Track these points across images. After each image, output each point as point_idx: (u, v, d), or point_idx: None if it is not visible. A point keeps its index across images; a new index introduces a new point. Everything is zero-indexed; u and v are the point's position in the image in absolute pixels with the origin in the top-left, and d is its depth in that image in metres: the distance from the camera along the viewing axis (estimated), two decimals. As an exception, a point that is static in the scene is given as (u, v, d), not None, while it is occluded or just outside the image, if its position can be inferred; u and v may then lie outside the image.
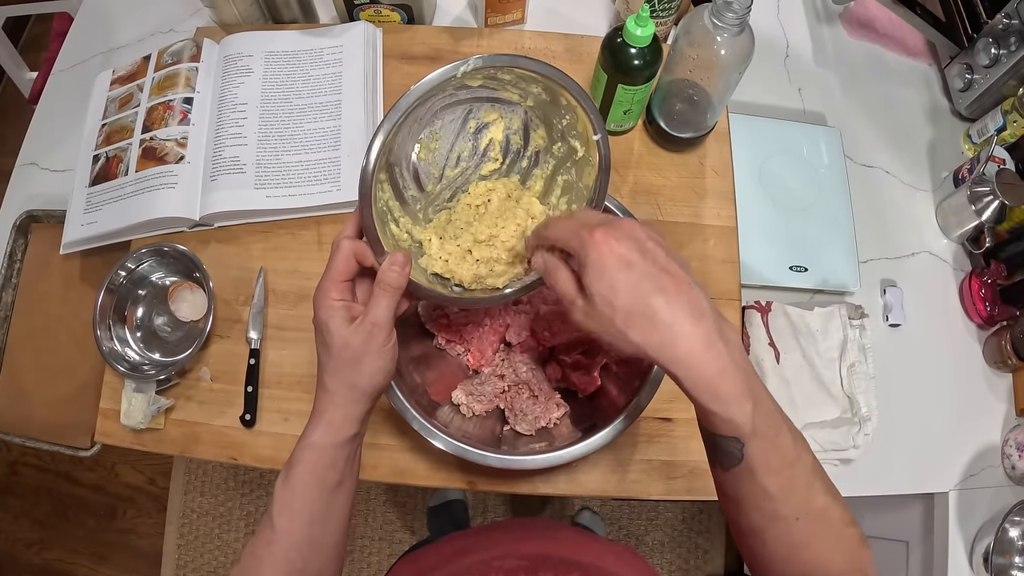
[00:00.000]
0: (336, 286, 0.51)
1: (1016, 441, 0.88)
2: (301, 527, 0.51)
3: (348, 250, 0.51)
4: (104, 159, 0.87)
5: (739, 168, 0.92)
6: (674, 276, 0.44)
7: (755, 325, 0.87)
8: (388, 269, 0.51)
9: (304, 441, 0.51)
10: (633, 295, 0.43)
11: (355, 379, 0.51)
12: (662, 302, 0.43)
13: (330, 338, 0.50)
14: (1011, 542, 0.87)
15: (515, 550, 0.61)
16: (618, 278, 0.44)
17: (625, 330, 0.44)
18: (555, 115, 0.58)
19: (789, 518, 0.46)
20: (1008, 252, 0.91)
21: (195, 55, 0.91)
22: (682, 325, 0.43)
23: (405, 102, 0.51)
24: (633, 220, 0.47)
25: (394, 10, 0.95)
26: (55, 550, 1.85)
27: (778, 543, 0.47)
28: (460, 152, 0.60)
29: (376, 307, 0.51)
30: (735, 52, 0.74)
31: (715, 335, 0.43)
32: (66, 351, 0.88)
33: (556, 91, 0.56)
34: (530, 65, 0.53)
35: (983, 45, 0.96)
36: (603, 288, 0.44)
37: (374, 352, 0.51)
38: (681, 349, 0.43)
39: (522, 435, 0.72)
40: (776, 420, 0.45)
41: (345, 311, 0.51)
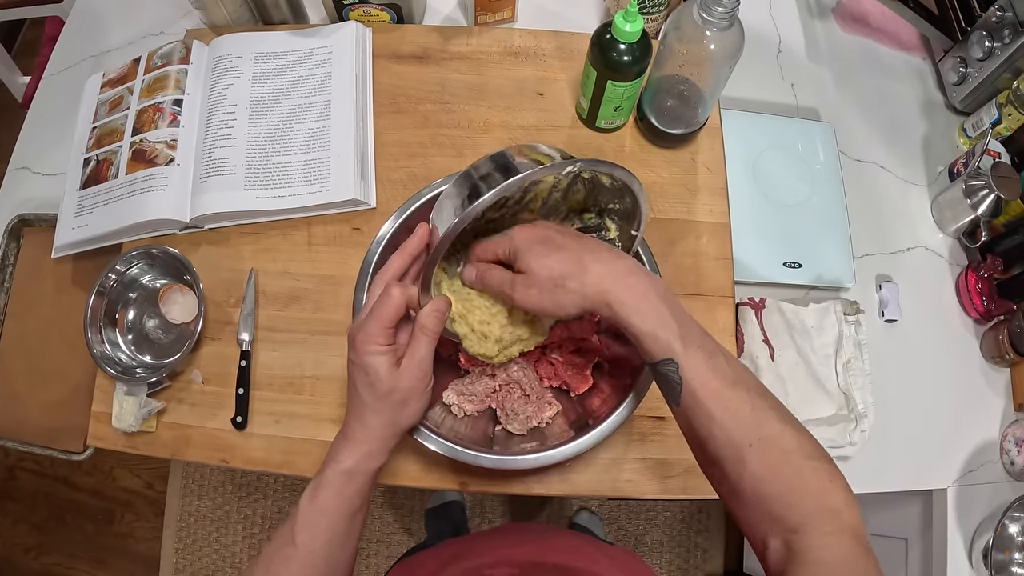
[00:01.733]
0: (384, 333, 0.52)
1: (1014, 436, 0.87)
2: (322, 546, 0.52)
3: (401, 300, 0.52)
4: (95, 162, 0.87)
5: (732, 164, 0.91)
6: (587, 240, 0.54)
7: (749, 322, 0.86)
8: (431, 314, 0.53)
9: (337, 466, 0.53)
10: (561, 258, 0.51)
11: (398, 419, 0.54)
12: (584, 253, 0.51)
13: (377, 382, 0.52)
14: (1011, 538, 0.87)
15: (508, 556, 0.61)
16: (544, 252, 0.52)
17: (564, 283, 0.51)
18: (603, 194, 0.59)
19: (741, 444, 0.46)
20: (1004, 246, 0.91)
21: (185, 57, 0.91)
22: (606, 264, 0.51)
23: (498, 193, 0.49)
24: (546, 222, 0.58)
25: (383, 10, 0.95)
26: (53, 555, 1.85)
27: (739, 475, 0.46)
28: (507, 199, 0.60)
29: (419, 350, 0.53)
30: (725, 47, 0.73)
31: (635, 268, 0.51)
32: (58, 354, 0.88)
33: (623, 188, 0.57)
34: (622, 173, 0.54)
35: (977, 38, 0.95)
36: (535, 259, 0.52)
37: (419, 394, 0.54)
38: (607, 281, 0.50)
39: (514, 435, 0.72)
40: (708, 344, 0.49)
41: (392, 356, 0.52)
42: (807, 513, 0.44)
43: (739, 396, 0.47)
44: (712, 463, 0.49)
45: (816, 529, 0.44)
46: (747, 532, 0.48)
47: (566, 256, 0.51)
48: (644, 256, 0.69)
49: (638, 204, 0.57)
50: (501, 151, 0.53)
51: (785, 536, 0.45)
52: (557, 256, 0.52)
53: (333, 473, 0.52)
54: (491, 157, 0.53)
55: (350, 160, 0.86)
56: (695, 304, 0.84)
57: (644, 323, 0.48)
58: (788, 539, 0.44)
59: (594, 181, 0.57)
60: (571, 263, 0.51)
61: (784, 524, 0.45)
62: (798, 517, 0.44)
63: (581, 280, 0.50)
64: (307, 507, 0.52)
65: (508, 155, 0.53)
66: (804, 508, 0.45)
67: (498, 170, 0.51)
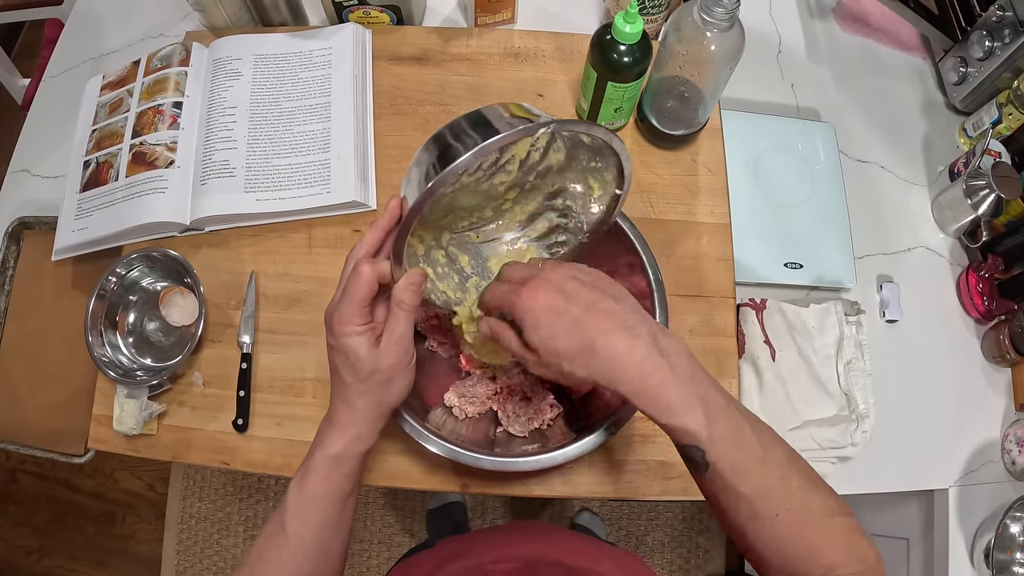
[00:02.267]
0: (359, 312, 0.50)
1: (1016, 436, 0.87)
2: (313, 532, 0.52)
3: (371, 276, 0.50)
4: (95, 165, 0.87)
5: (733, 165, 0.91)
6: (602, 310, 0.47)
7: (750, 323, 0.86)
8: (406, 289, 0.51)
9: (324, 452, 0.52)
10: (569, 338, 0.47)
11: (384, 398, 0.53)
12: (596, 334, 0.46)
13: (359, 363, 0.51)
14: (1012, 538, 0.86)
15: (509, 553, 0.61)
16: (551, 328, 0.47)
17: (573, 370, 0.47)
18: (584, 152, 0.58)
19: (768, 516, 0.46)
20: (1005, 246, 0.91)
21: (184, 59, 0.91)
22: (619, 351, 0.46)
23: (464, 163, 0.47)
24: (558, 266, 0.51)
25: (383, 11, 0.95)
26: (55, 557, 1.85)
27: (764, 541, 0.47)
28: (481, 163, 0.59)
29: (397, 327, 0.51)
30: (725, 48, 0.73)
31: (653, 352, 0.46)
32: (59, 357, 0.87)
33: (602, 145, 0.55)
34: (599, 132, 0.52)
35: (977, 38, 0.95)
36: (542, 340, 0.48)
37: (402, 371, 0.53)
38: (623, 372, 0.46)
39: (515, 437, 0.72)
40: (735, 421, 0.46)
41: (371, 335, 0.51)
42: (831, 564, 0.46)
43: (766, 471, 0.46)
44: (736, 530, 0.49)
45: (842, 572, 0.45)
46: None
47: (574, 336, 0.47)
48: (646, 258, 0.69)
49: (620, 164, 0.56)
50: (476, 110, 0.50)
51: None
52: (565, 337, 0.47)
53: (321, 459, 0.52)
54: (464, 117, 0.50)
55: (350, 162, 0.86)
56: (696, 305, 0.84)
57: (665, 415, 0.46)
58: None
59: (574, 140, 0.55)
60: (579, 346, 0.47)
61: None
62: (822, 569, 0.46)
63: (590, 368, 0.47)
64: (295, 495, 0.52)
65: (483, 114, 0.50)
66: (828, 561, 0.46)
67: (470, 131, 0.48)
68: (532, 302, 0.48)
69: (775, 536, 0.46)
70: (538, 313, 0.48)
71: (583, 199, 0.62)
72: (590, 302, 0.48)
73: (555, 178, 0.61)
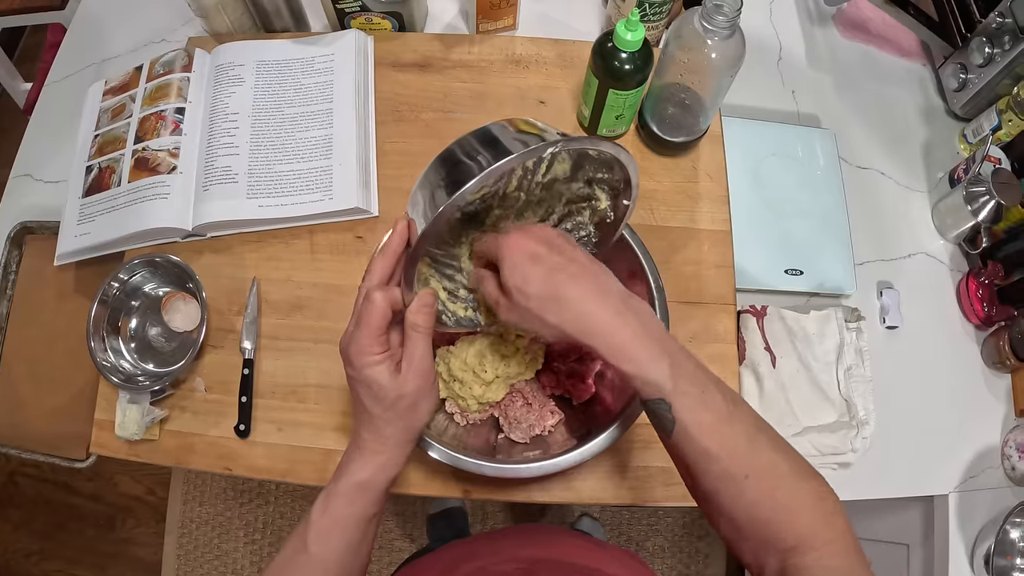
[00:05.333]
0: (376, 341, 0.50)
1: (1016, 442, 0.87)
2: (337, 555, 0.52)
3: (384, 304, 0.50)
4: (97, 170, 0.87)
5: (733, 172, 0.92)
6: (579, 263, 0.49)
7: (751, 329, 0.86)
8: (419, 312, 0.52)
9: (350, 478, 0.52)
10: (542, 282, 0.48)
11: (411, 423, 0.53)
12: (569, 285, 0.48)
13: (382, 392, 0.50)
14: (1012, 544, 0.87)
15: (513, 554, 0.61)
16: (528, 270, 0.49)
17: (541, 314, 0.48)
18: (589, 163, 0.58)
19: (737, 476, 0.46)
20: (1005, 252, 0.91)
21: (187, 65, 0.91)
22: (589, 302, 0.48)
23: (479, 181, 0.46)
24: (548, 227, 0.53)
25: (385, 18, 0.95)
26: (54, 561, 1.84)
27: (735, 505, 0.47)
28: None
29: (416, 350, 0.51)
30: (726, 55, 0.73)
31: (621, 307, 0.48)
32: (61, 362, 0.88)
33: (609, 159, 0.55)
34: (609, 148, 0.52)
35: (977, 44, 0.95)
36: (517, 280, 0.49)
37: (426, 394, 0.53)
38: (591, 322, 0.47)
39: (517, 443, 0.72)
40: (700, 379, 0.48)
41: (390, 362, 0.51)
42: (800, 531, 0.46)
43: (734, 430, 0.47)
44: (707, 496, 0.49)
45: (810, 546, 0.45)
46: (744, 559, 0.49)
47: (549, 284, 0.48)
48: (646, 265, 0.69)
49: (628, 175, 0.56)
50: (483, 128, 0.50)
51: (781, 557, 0.46)
52: (539, 282, 0.48)
53: (347, 484, 0.52)
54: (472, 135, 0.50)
55: (352, 169, 0.86)
56: (697, 312, 0.84)
57: (630, 365, 0.47)
58: (785, 559, 0.45)
59: (580, 153, 0.55)
60: (552, 292, 0.48)
61: (780, 545, 0.46)
62: (793, 537, 0.46)
63: (561, 315, 0.48)
64: (319, 516, 0.52)
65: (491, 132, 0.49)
66: (797, 527, 0.46)
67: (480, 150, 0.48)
68: (514, 246, 0.50)
69: (746, 498, 0.47)
70: (517, 256, 0.49)
71: (590, 211, 0.63)
72: (569, 256, 0.49)
73: (561, 188, 0.61)
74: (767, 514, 0.46)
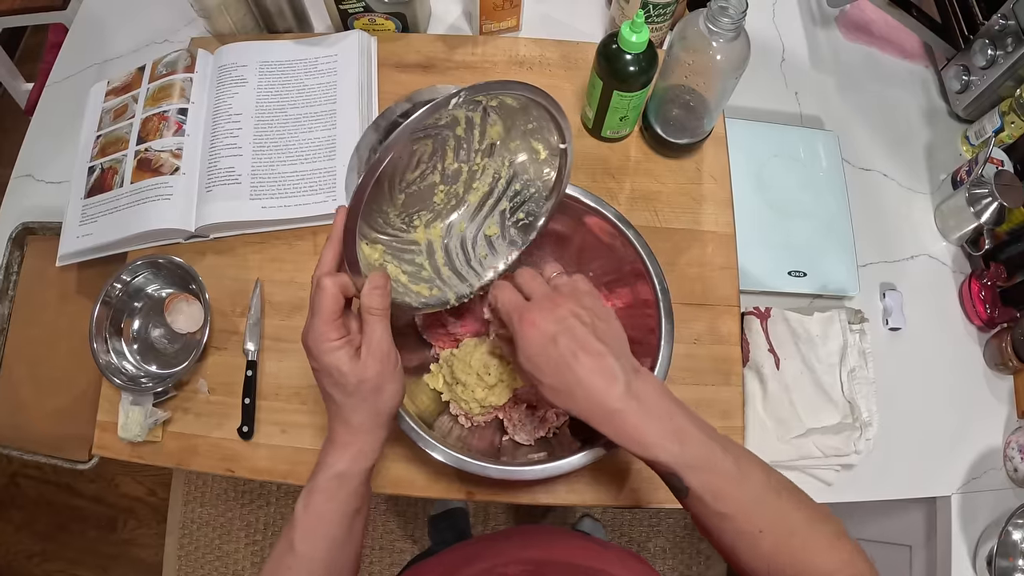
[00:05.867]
0: (332, 326, 0.50)
1: (1018, 443, 0.87)
2: (323, 552, 0.52)
3: (334, 288, 0.50)
4: (99, 171, 0.87)
5: (737, 173, 0.92)
6: (588, 350, 0.50)
7: (754, 331, 0.86)
8: (371, 294, 0.52)
9: (328, 471, 0.52)
10: (553, 376, 0.50)
11: (377, 407, 0.53)
12: (577, 377, 0.49)
13: (343, 379, 0.50)
14: (1014, 545, 0.86)
15: (518, 556, 0.61)
16: (540, 361, 0.51)
17: (552, 399, 0.51)
18: (520, 118, 0.59)
19: (752, 533, 0.48)
20: (1008, 254, 0.91)
21: (189, 65, 0.91)
22: (595, 393, 0.49)
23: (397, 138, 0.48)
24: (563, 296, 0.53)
25: (388, 19, 0.95)
26: (56, 562, 1.84)
27: (752, 556, 0.49)
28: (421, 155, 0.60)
29: (374, 333, 0.51)
30: (731, 57, 0.73)
31: (626, 396, 0.49)
32: (63, 363, 0.87)
33: (528, 103, 0.56)
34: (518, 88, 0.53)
35: (980, 46, 0.95)
36: (529, 367, 0.51)
37: (389, 377, 0.52)
38: (599, 413, 0.49)
39: (521, 445, 0.72)
40: (708, 448, 0.49)
41: (349, 347, 0.51)
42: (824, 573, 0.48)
43: (744, 490, 0.49)
44: (727, 552, 0.51)
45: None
46: None
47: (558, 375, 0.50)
48: (651, 267, 0.69)
49: (553, 115, 0.56)
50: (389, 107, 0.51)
51: None
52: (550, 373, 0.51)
53: (324, 478, 0.52)
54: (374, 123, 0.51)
55: (355, 169, 0.86)
56: (701, 314, 0.84)
57: (641, 451, 0.49)
58: None
59: (503, 107, 0.56)
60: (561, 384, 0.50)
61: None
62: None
63: (568, 405, 0.51)
64: (302, 515, 0.52)
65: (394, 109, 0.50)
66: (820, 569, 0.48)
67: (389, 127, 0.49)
68: (530, 330, 0.51)
69: (762, 551, 0.49)
70: (531, 343, 0.51)
71: (535, 167, 0.63)
72: (581, 344, 0.50)
73: (501, 152, 0.62)
74: (784, 564, 0.48)
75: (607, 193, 0.88)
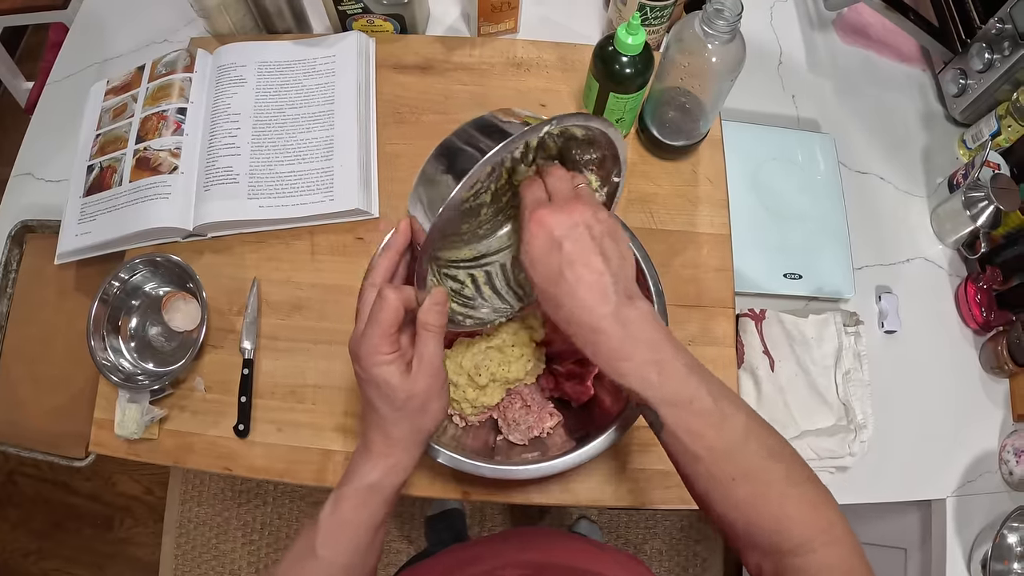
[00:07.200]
0: (387, 340, 0.49)
1: (1013, 447, 0.87)
2: (345, 559, 0.51)
3: (397, 301, 0.49)
4: (98, 169, 0.87)
5: (733, 176, 0.92)
6: (588, 264, 0.49)
7: (749, 333, 0.87)
8: (431, 310, 0.51)
9: (361, 480, 0.51)
10: (546, 278, 0.49)
11: (420, 424, 0.52)
12: (570, 287, 0.48)
13: (392, 392, 0.50)
14: (1009, 548, 0.87)
15: (516, 559, 0.61)
16: (538, 258, 0.49)
17: (542, 302, 0.51)
18: (575, 146, 0.58)
19: (724, 479, 0.47)
20: (1003, 257, 0.91)
21: (189, 65, 0.91)
22: (582, 308, 0.48)
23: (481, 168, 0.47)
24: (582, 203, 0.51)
25: (387, 20, 0.95)
26: (52, 560, 1.84)
27: (724, 504, 0.48)
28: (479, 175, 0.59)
29: (427, 350, 0.51)
30: (726, 60, 0.74)
31: (615, 317, 0.48)
32: (61, 361, 0.88)
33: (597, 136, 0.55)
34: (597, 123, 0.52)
35: (977, 50, 0.96)
36: (528, 265, 0.50)
37: (437, 394, 0.52)
38: (583, 329, 0.48)
39: (515, 445, 0.72)
40: (691, 386, 0.47)
41: (401, 362, 0.50)
42: (795, 535, 0.46)
43: (722, 435, 0.47)
44: (699, 497, 0.50)
45: (808, 548, 0.45)
46: (743, 559, 0.50)
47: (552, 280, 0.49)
48: (646, 268, 0.69)
49: (616, 150, 0.56)
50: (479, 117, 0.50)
51: (777, 559, 0.46)
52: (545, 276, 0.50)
53: (356, 487, 0.51)
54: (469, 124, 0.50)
55: (353, 170, 0.86)
56: (695, 315, 0.84)
57: (618, 376, 0.48)
58: (780, 560, 0.46)
59: (565, 135, 0.56)
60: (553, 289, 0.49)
61: (777, 550, 0.46)
62: (788, 544, 0.46)
63: (554, 314, 0.50)
64: (328, 520, 0.51)
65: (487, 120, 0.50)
66: (792, 535, 0.46)
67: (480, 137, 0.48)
68: (540, 228, 0.50)
69: (734, 500, 0.47)
70: (536, 242, 0.50)
71: None
72: (582, 253, 0.49)
73: None
74: (756, 517, 0.47)
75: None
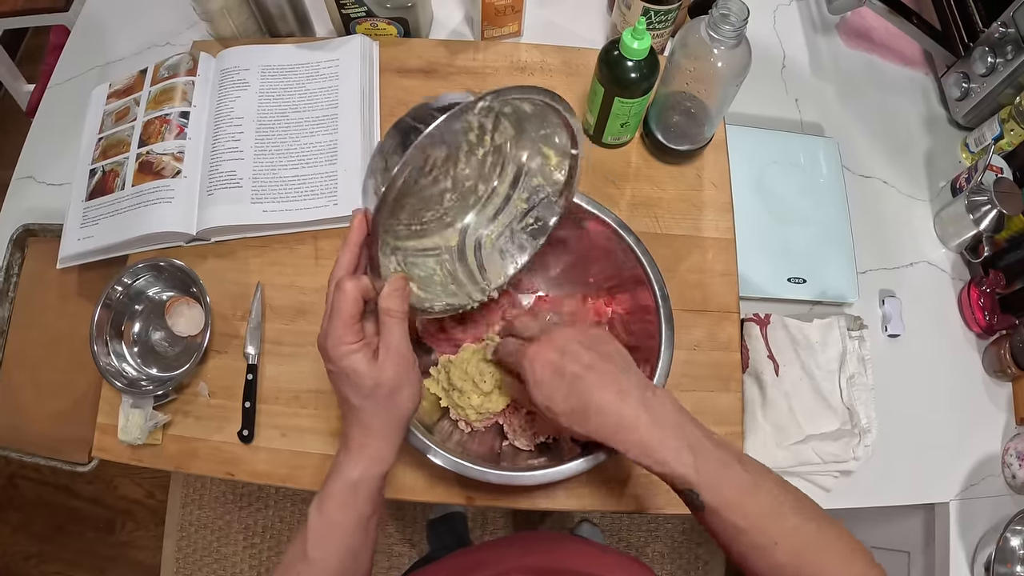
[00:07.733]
0: (350, 330, 0.50)
1: (1016, 450, 0.87)
2: (337, 560, 0.52)
3: (355, 292, 0.50)
4: (101, 173, 0.87)
5: (737, 180, 0.92)
6: (596, 370, 0.52)
7: (754, 338, 0.86)
8: (391, 296, 0.52)
9: (342, 478, 0.52)
10: (566, 400, 0.52)
11: (394, 411, 0.53)
12: (590, 399, 0.51)
13: (361, 381, 0.50)
14: (1013, 551, 0.87)
15: (520, 563, 0.61)
16: (551, 389, 0.52)
17: (570, 425, 0.52)
18: (531, 124, 0.59)
19: (766, 545, 0.49)
20: (1006, 261, 0.92)
21: (191, 69, 0.91)
22: (610, 410, 0.51)
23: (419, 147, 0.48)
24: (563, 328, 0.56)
25: (390, 23, 0.95)
26: (54, 563, 1.84)
27: (767, 567, 0.49)
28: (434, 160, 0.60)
29: (392, 336, 0.51)
30: (732, 65, 0.74)
31: (640, 408, 0.50)
32: (63, 366, 0.87)
33: (543, 109, 0.56)
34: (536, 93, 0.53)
35: (980, 54, 0.96)
36: (542, 400, 0.53)
37: (406, 379, 0.52)
38: (615, 430, 0.50)
39: (521, 450, 0.72)
40: (723, 461, 0.50)
41: (367, 350, 0.51)
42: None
43: (759, 502, 0.49)
44: (739, 560, 0.51)
45: None
46: None
47: (571, 398, 0.52)
48: (651, 273, 0.69)
49: (567, 119, 0.56)
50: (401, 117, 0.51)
51: None
52: (562, 398, 0.52)
53: (339, 485, 0.52)
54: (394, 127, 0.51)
55: (357, 174, 0.86)
56: (701, 320, 0.84)
57: (657, 466, 0.50)
58: None
59: (518, 113, 0.56)
60: (574, 406, 0.52)
61: None
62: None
63: (586, 426, 0.52)
64: (316, 521, 0.51)
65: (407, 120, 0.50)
66: None
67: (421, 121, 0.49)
68: (536, 363, 0.53)
69: (776, 563, 0.49)
70: (539, 371, 0.53)
71: (544, 171, 0.64)
72: (587, 364, 0.52)
73: (511, 158, 0.62)
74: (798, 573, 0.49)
75: (608, 199, 0.88)
